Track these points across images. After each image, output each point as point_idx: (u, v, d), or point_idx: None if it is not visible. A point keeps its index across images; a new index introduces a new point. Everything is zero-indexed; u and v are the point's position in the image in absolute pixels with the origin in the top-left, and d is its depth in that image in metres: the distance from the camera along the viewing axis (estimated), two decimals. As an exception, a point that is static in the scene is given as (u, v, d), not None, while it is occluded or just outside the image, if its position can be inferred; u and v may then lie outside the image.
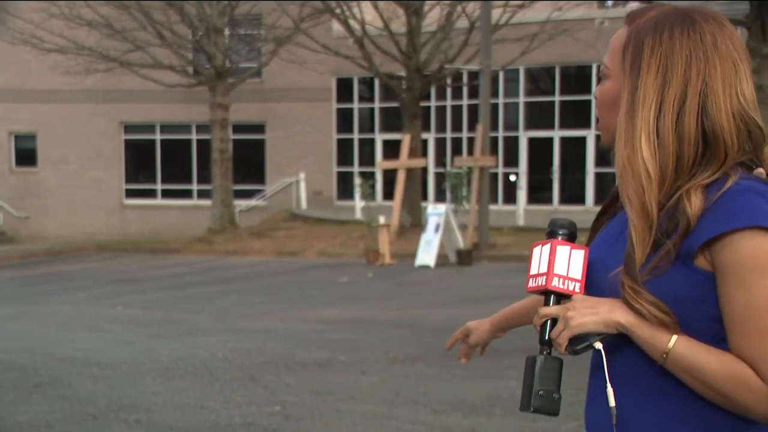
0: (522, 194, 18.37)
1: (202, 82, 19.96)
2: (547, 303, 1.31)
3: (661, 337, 1.22)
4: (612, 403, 1.26)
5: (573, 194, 22.18)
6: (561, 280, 1.31)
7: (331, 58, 20.64)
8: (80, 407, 5.44)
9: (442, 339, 7.48)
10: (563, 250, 1.34)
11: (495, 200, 21.75)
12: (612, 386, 1.27)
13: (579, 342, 1.27)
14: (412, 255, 14.64)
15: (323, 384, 5.86)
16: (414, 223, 17.53)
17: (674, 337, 1.22)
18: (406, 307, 9.66)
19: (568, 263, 1.32)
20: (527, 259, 1.35)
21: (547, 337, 1.31)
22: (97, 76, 20.49)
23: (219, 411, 5.32)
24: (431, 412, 5.12)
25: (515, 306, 1.83)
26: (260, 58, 21.74)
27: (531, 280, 1.35)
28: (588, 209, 21.26)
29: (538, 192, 22.61)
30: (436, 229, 14.15)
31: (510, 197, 21.52)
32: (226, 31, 20.23)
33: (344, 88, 24.39)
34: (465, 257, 13.99)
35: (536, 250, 1.38)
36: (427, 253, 14.06)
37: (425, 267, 13.96)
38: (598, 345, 1.26)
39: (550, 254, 1.34)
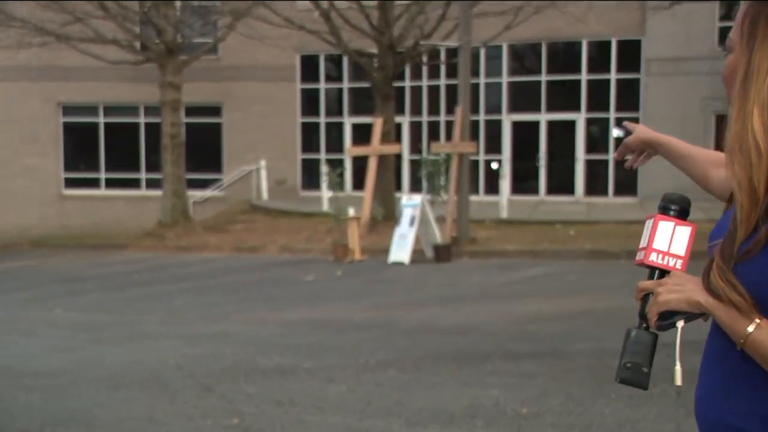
0: (505, 184, 18.49)
1: (150, 59, 19.77)
2: (651, 277, 1.42)
3: (742, 322, 1.29)
4: (678, 381, 1.37)
5: (561, 183, 22.40)
6: (660, 255, 1.42)
7: (294, 33, 20.55)
8: (12, 422, 5.37)
9: (417, 342, 7.53)
10: (666, 225, 1.43)
11: (476, 190, 21.86)
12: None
13: (666, 318, 1.37)
14: (385, 250, 14.69)
15: (286, 393, 5.85)
16: (387, 216, 17.58)
17: (755, 323, 1.27)
18: (378, 308, 9.69)
19: (670, 239, 1.43)
20: (511, 255, 1.35)
21: (643, 312, 1.41)
22: (31, 50, 20.19)
23: (170, 424, 5.28)
24: (405, 424, 5.12)
25: (683, 144, 1.92)
26: (216, 32, 21.67)
27: (638, 253, 1.47)
28: (578, 200, 21.51)
29: (523, 181, 22.79)
30: (411, 222, 14.21)
31: (492, 187, 21.65)
32: (178, 2, 19.95)
33: (309, 67, 24.31)
34: (443, 253, 14.11)
35: (647, 224, 1.48)
36: (401, 249, 14.14)
37: (399, 263, 14.03)
38: (681, 323, 1.36)
39: (652, 229, 1.44)
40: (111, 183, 24.92)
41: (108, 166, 24.94)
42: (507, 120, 22.33)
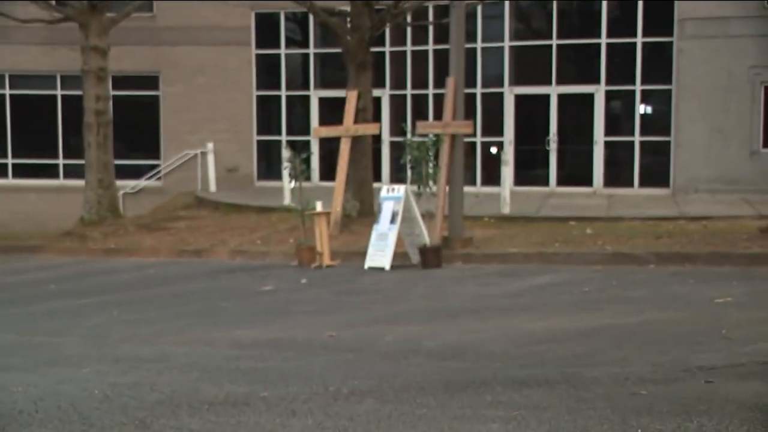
0: (508, 172, 18.63)
1: (69, 16, 19.78)
2: None
3: None
4: None
5: (576, 172, 22.58)
6: None
7: (248, -14, 20.60)
8: None
9: (399, 367, 7.57)
10: None
11: (472, 180, 22.04)
12: None
13: None
14: (361, 254, 14.77)
15: (239, 429, 5.84)
16: (363, 212, 17.75)
17: None
18: (351, 325, 9.73)
19: None
20: (514, 259, 1.36)
21: None
22: None
23: (95, 469, 5.17)
24: (386, 467, 5.03)
25: None
26: (151, -16, 21.12)
27: None
28: (596, 191, 21.72)
29: (530, 169, 22.98)
30: (393, 219, 14.28)
31: (492, 176, 21.83)
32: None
33: (267, 28, 24.32)
34: (431, 256, 14.16)
35: None
36: (380, 252, 14.25)
37: (378, 270, 14.11)
38: None
39: None
40: (20, 171, 24.79)
41: (16, 150, 24.80)
42: (509, 94, 22.46)
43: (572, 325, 9.16)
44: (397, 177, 21.88)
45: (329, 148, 22.72)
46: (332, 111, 22.75)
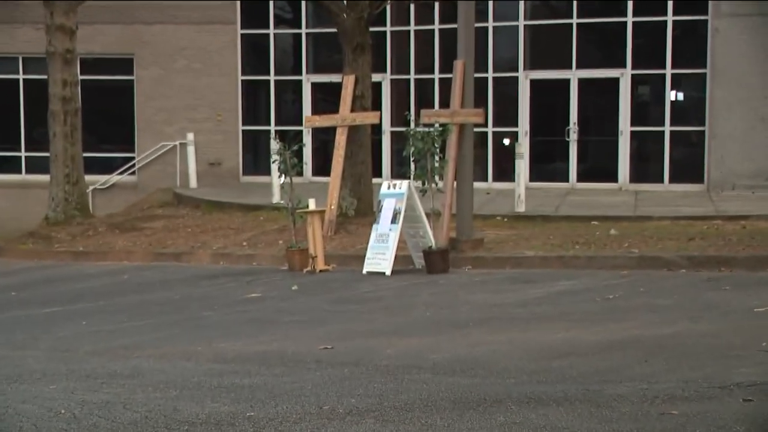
0: (523, 166, 18.66)
1: (32, -9, 19.63)
2: None
3: None
4: None
5: (599, 166, 22.63)
6: None
7: (233, -42, 20.59)
8: None
9: (401, 383, 7.56)
10: None
11: (483, 175, 22.05)
12: None
13: None
14: (359, 257, 14.77)
15: (222, 454, 5.86)
16: (361, 210, 17.78)
17: None
18: (348, 336, 9.73)
19: None
20: (530, 263, 1.37)
21: None
22: None
23: (61, 498, 5.14)
24: (386, 495, 5.01)
25: None
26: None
27: None
28: (622, 187, 21.72)
29: (547, 163, 23.02)
30: (394, 219, 14.28)
31: (505, 171, 21.86)
32: None
33: (254, 5, 24.29)
34: (437, 260, 14.17)
35: None
36: (380, 255, 14.25)
37: (378, 275, 14.08)
38: None
39: None
40: (-22, 164, 24.79)
41: (-26, 142, 24.80)
42: (525, 79, 22.49)
43: (594, 337, 9.16)
44: (400, 172, 21.90)
45: (323, 139, 22.80)
46: (327, 98, 22.79)
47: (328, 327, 10.36)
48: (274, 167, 17.68)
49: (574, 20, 22.31)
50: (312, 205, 15.09)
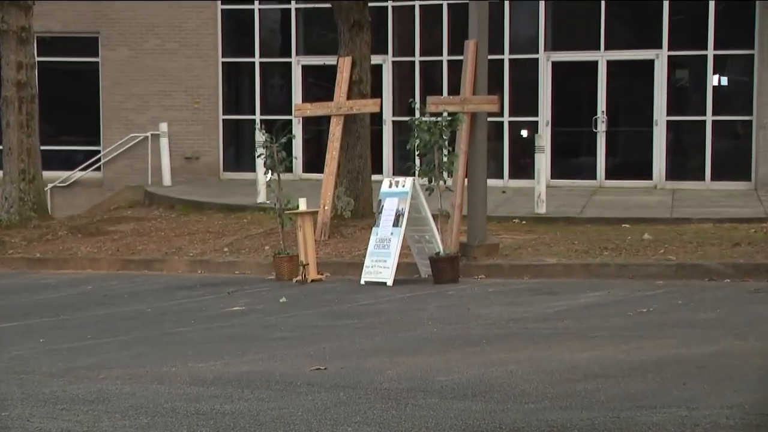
0: (543, 161, 18.60)
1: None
2: None
3: None
4: None
5: (631, 161, 22.66)
6: None
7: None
8: None
9: (405, 410, 7.50)
10: None
11: (498, 171, 22.01)
12: None
13: None
14: (356, 265, 14.72)
15: (199, 491, 5.84)
16: (359, 211, 17.80)
17: None
18: (344, 355, 9.70)
19: None
20: (552, 272, 1.35)
21: None
22: None
23: None
24: None
25: None
26: None
27: None
28: (657, 185, 21.71)
29: (572, 157, 23.02)
30: (397, 221, 14.26)
31: (523, 166, 21.89)
32: None
33: (237, -24, 24.29)
34: (446, 269, 14.15)
35: None
36: (380, 262, 14.23)
37: (378, 285, 14.02)
38: None
39: None
40: None
41: None
42: (546, 61, 22.52)
43: (626, 357, 9.12)
44: (403, 167, 21.68)
45: (316, 130, 22.85)
46: (320, 83, 22.76)
47: (321, 345, 10.33)
48: (260, 162, 17.69)
49: (603, -6, 22.14)
50: (303, 205, 15.04)
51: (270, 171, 15.65)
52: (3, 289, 15.61)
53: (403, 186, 14.41)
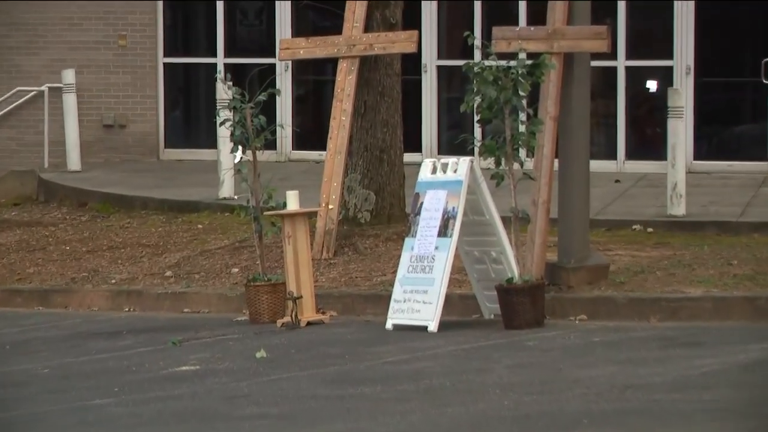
0: (682, 131, 16.82)
1: None
2: None
3: None
4: None
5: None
6: None
7: None
8: None
9: None
10: None
11: (609, 148, 20.85)
12: None
13: None
14: (378, 299, 13.38)
15: None
16: (383, 211, 15.93)
17: None
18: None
19: None
20: (695, 309, 2.15)
21: None
22: None
23: None
24: None
25: None
26: None
27: None
28: None
29: (727, 125, 21.04)
30: (445, 229, 12.64)
31: (648, 140, 20.00)
32: None
33: None
34: (523, 305, 12.73)
35: None
36: (418, 295, 12.76)
37: (414, 330, 12.80)
38: None
39: None
40: None
41: None
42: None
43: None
44: (453, 141, 19.76)
45: (315, 82, 21.06)
46: (321, 10, 20.61)
47: (323, 429, 9.08)
48: (224, 133, 15.74)
49: None
50: (293, 202, 13.29)
51: (240, 147, 13.75)
52: None
53: (455, 171, 12.60)
